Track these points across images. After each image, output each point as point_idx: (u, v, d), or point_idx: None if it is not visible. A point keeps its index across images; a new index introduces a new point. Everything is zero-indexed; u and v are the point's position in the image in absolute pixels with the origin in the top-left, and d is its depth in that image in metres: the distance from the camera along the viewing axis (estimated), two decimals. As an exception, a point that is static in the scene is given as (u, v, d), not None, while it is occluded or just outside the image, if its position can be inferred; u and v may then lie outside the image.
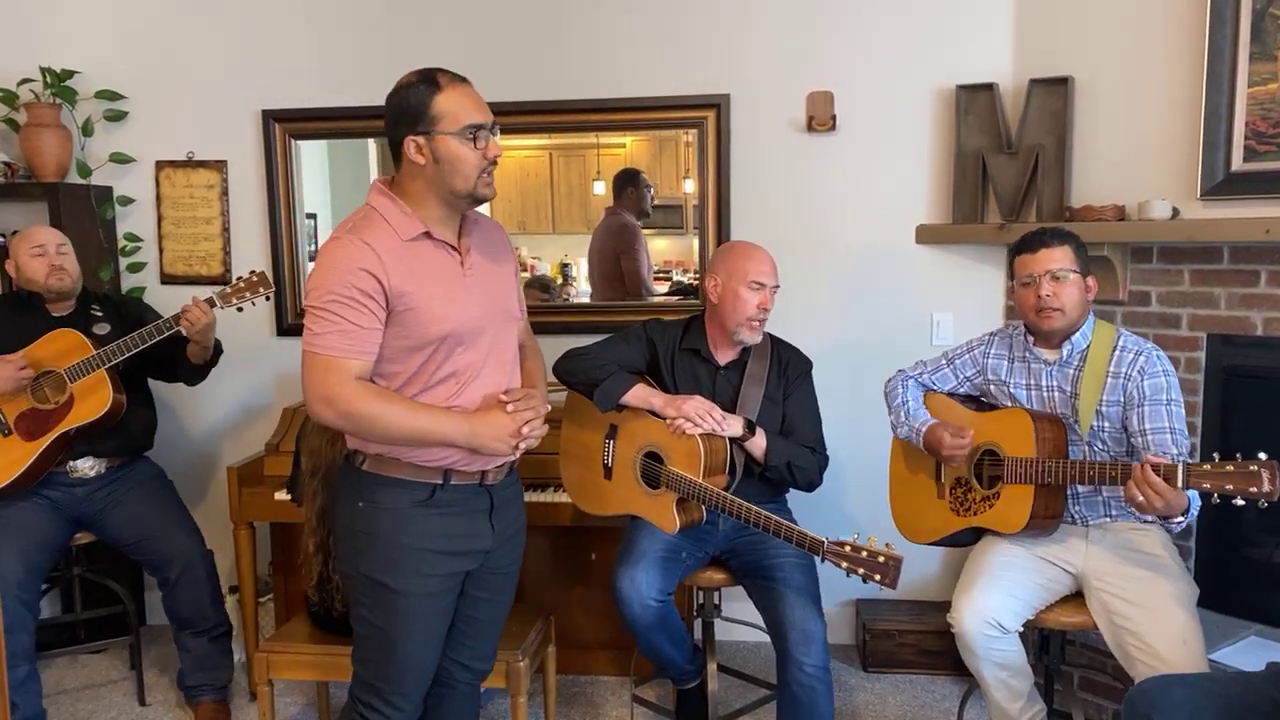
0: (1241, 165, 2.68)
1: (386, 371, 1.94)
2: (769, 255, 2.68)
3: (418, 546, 1.97)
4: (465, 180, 1.91)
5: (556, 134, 3.59)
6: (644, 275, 3.66)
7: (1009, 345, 2.60)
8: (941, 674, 3.33)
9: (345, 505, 2.03)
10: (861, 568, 2.19)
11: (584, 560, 3.26)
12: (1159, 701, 1.93)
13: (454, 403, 1.96)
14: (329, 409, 1.87)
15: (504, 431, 1.95)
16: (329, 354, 1.86)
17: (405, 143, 1.90)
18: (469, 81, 1.94)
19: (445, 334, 1.92)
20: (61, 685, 3.32)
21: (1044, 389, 2.50)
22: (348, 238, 1.88)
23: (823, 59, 3.37)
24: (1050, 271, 2.40)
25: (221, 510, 3.34)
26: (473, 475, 2.01)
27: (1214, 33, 2.68)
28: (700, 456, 2.47)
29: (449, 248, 1.97)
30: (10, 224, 3.68)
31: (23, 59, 3.57)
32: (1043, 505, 2.36)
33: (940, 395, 2.68)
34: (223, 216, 3.69)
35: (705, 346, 2.72)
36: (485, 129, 1.91)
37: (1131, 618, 2.27)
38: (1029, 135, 3.14)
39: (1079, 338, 2.46)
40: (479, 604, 2.14)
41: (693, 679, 2.86)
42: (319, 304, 1.87)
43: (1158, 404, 2.35)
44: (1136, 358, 2.40)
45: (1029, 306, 2.45)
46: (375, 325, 1.88)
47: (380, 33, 3.53)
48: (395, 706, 2.06)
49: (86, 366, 2.85)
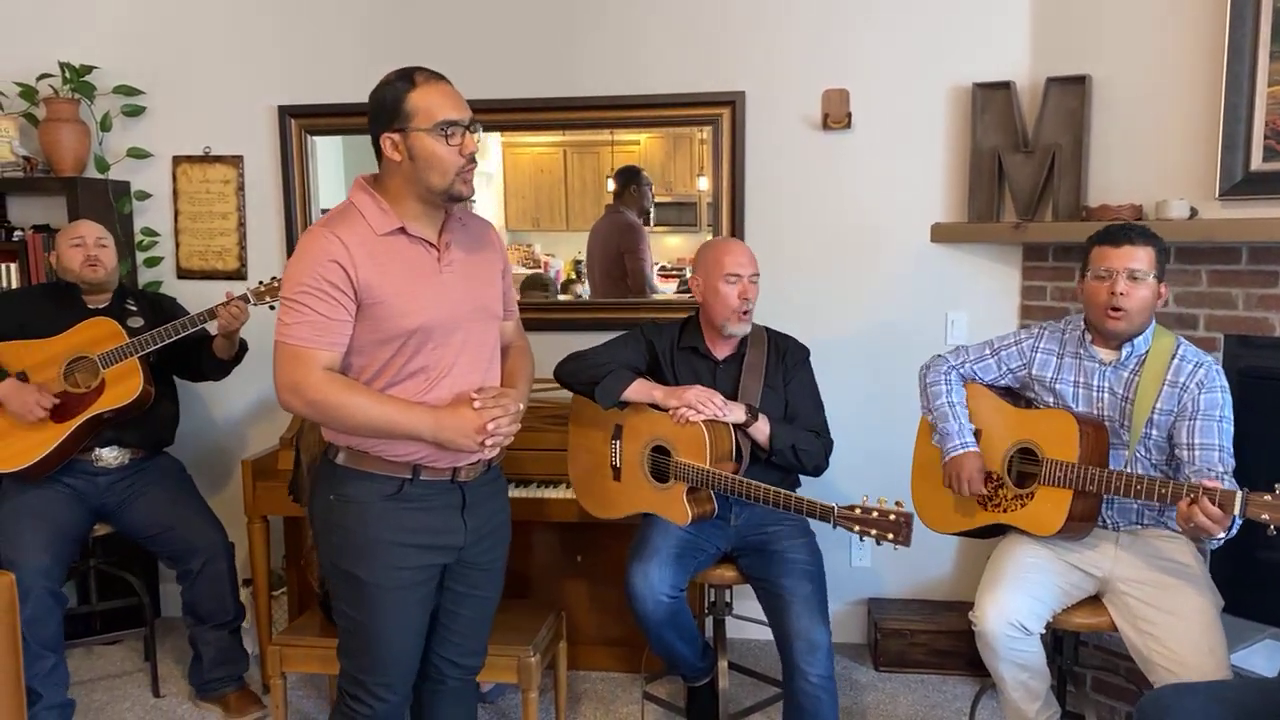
0: (1261, 165, 2.66)
1: (356, 364, 1.96)
2: (744, 246, 2.73)
3: (387, 540, 1.98)
4: (441, 177, 1.91)
5: (571, 131, 3.59)
6: (648, 274, 3.66)
7: (1060, 340, 2.53)
8: (953, 674, 3.32)
9: (319, 499, 2.06)
10: (874, 529, 2.21)
11: (596, 557, 3.26)
12: (1171, 710, 1.91)
13: (424, 398, 1.96)
14: (295, 397, 1.90)
15: (469, 427, 1.95)
16: (297, 344, 1.88)
17: (382, 140, 1.92)
18: (446, 79, 1.95)
19: (414, 328, 1.93)
20: (77, 676, 3.35)
21: (1095, 389, 2.45)
22: (320, 230, 1.91)
23: (839, 56, 3.36)
24: (1130, 269, 2.33)
25: (236, 504, 3.35)
26: (443, 471, 2.02)
27: (1233, 31, 2.65)
28: (706, 444, 2.50)
29: (426, 244, 1.98)
30: (29, 218, 3.71)
31: (42, 54, 3.59)
32: (1079, 510, 2.33)
33: (980, 387, 2.62)
34: (239, 211, 3.71)
35: (702, 343, 2.76)
36: (460, 125, 1.90)
37: (1159, 624, 2.25)
38: (1046, 134, 3.12)
39: (1140, 341, 2.39)
40: (461, 599, 2.14)
41: (703, 676, 2.86)
42: (290, 295, 1.89)
43: (1210, 419, 2.30)
44: (1196, 370, 2.35)
45: (1099, 301, 2.37)
46: (344, 317, 1.90)
47: (396, 28, 3.54)
48: (380, 697, 2.07)
49: (120, 354, 2.92)
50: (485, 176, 3.76)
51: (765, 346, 2.76)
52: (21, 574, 2.61)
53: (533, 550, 3.34)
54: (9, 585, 2.27)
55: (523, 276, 3.73)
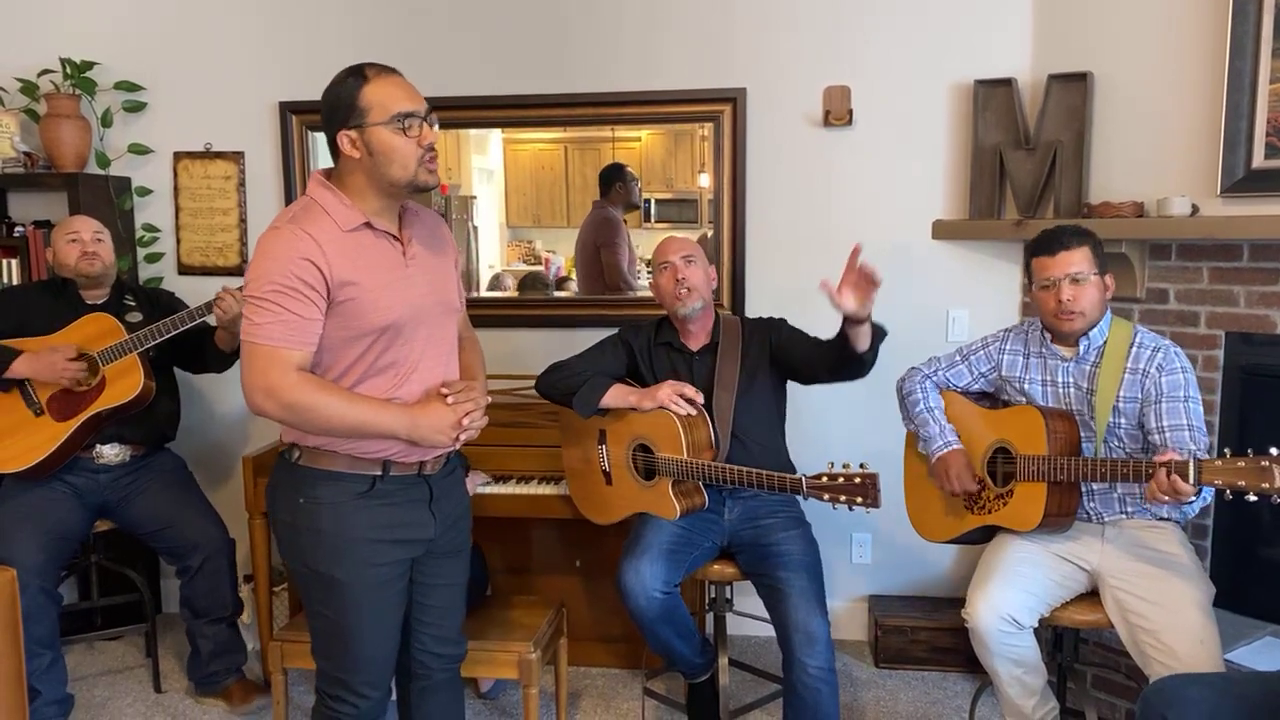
0: (1262, 162, 2.65)
1: (324, 362, 1.93)
2: (672, 238, 2.81)
3: (362, 538, 1.97)
4: (403, 169, 1.90)
5: (571, 127, 3.59)
6: (624, 269, 3.64)
7: (1024, 341, 2.59)
8: (953, 671, 3.32)
9: (284, 501, 2.01)
10: (843, 494, 2.30)
11: (596, 553, 3.26)
12: (1175, 700, 1.91)
13: (394, 395, 1.96)
14: (270, 400, 1.85)
15: (445, 423, 1.95)
16: (270, 344, 1.84)
17: (339, 138, 1.90)
18: (398, 72, 1.94)
19: (387, 324, 1.92)
20: (78, 671, 3.35)
21: (1060, 385, 2.49)
22: (288, 227, 1.87)
23: (840, 53, 3.35)
24: (1070, 275, 2.38)
25: (237, 500, 3.36)
26: (411, 466, 2.01)
27: (1235, 28, 2.65)
28: (681, 436, 2.57)
29: (390, 238, 1.97)
30: (30, 214, 3.71)
31: (43, 50, 3.59)
32: (1056, 503, 2.36)
33: (955, 394, 2.66)
34: (240, 207, 3.71)
35: (676, 338, 2.81)
36: (416, 116, 1.89)
37: (1148, 616, 2.26)
38: (1047, 131, 3.11)
39: (1096, 334, 2.45)
40: (430, 590, 2.13)
41: (703, 673, 2.86)
42: (259, 294, 1.85)
43: (1175, 401, 2.34)
44: (1154, 354, 2.39)
45: (1048, 310, 2.43)
46: (316, 316, 1.87)
47: (396, 25, 3.53)
48: (362, 695, 2.06)
49: (119, 350, 2.90)
50: (486, 173, 3.77)
51: (739, 334, 2.79)
52: (16, 572, 2.61)
53: (533, 547, 3.34)
54: (9, 581, 2.27)
55: (522, 274, 3.73)
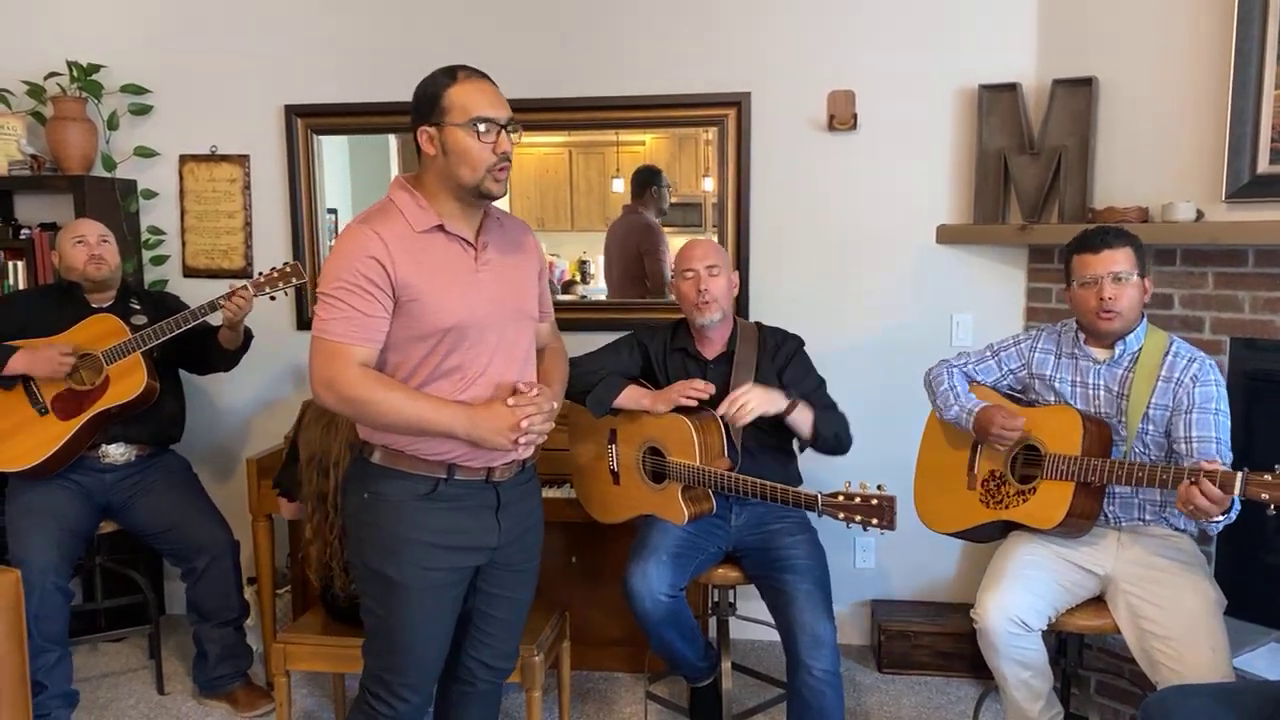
0: (1267, 168, 2.65)
1: (391, 361, 1.96)
2: (701, 242, 2.78)
3: (418, 539, 1.98)
4: (472, 173, 1.91)
5: (576, 131, 3.59)
6: (668, 275, 3.67)
7: (1057, 341, 2.57)
8: (957, 676, 3.31)
9: (353, 496, 2.06)
10: (859, 514, 2.26)
11: (599, 556, 3.26)
12: (1176, 711, 1.91)
13: (459, 398, 1.96)
14: (330, 393, 1.90)
15: (504, 425, 1.94)
16: (334, 339, 1.89)
17: (419, 134, 1.93)
18: (488, 78, 1.96)
19: (449, 326, 1.93)
20: (82, 673, 3.35)
21: (1090, 387, 2.48)
22: (359, 227, 1.91)
23: (845, 57, 3.35)
24: (1113, 273, 2.37)
25: (241, 502, 3.36)
26: (478, 471, 2.01)
27: (1240, 34, 2.65)
28: (695, 443, 2.54)
29: (464, 242, 1.98)
30: (36, 216, 3.72)
31: (49, 53, 3.60)
32: (1080, 505, 2.34)
33: (983, 387, 2.64)
34: (245, 211, 3.72)
35: (691, 344, 2.79)
36: (495, 123, 1.90)
37: (1160, 623, 2.26)
38: (1052, 136, 3.11)
39: (1132, 339, 2.43)
40: (494, 601, 2.14)
41: (706, 677, 2.86)
42: (328, 290, 1.90)
43: (1206, 412, 2.32)
44: (1190, 364, 2.38)
45: (1089, 308, 2.41)
46: (381, 313, 1.90)
47: (401, 29, 3.54)
48: (402, 698, 2.07)
49: (123, 349, 2.91)
50: (491, 176, 3.77)
51: (755, 342, 2.77)
52: (29, 570, 2.63)
53: (536, 550, 3.34)
54: (14, 582, 2.28)
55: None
